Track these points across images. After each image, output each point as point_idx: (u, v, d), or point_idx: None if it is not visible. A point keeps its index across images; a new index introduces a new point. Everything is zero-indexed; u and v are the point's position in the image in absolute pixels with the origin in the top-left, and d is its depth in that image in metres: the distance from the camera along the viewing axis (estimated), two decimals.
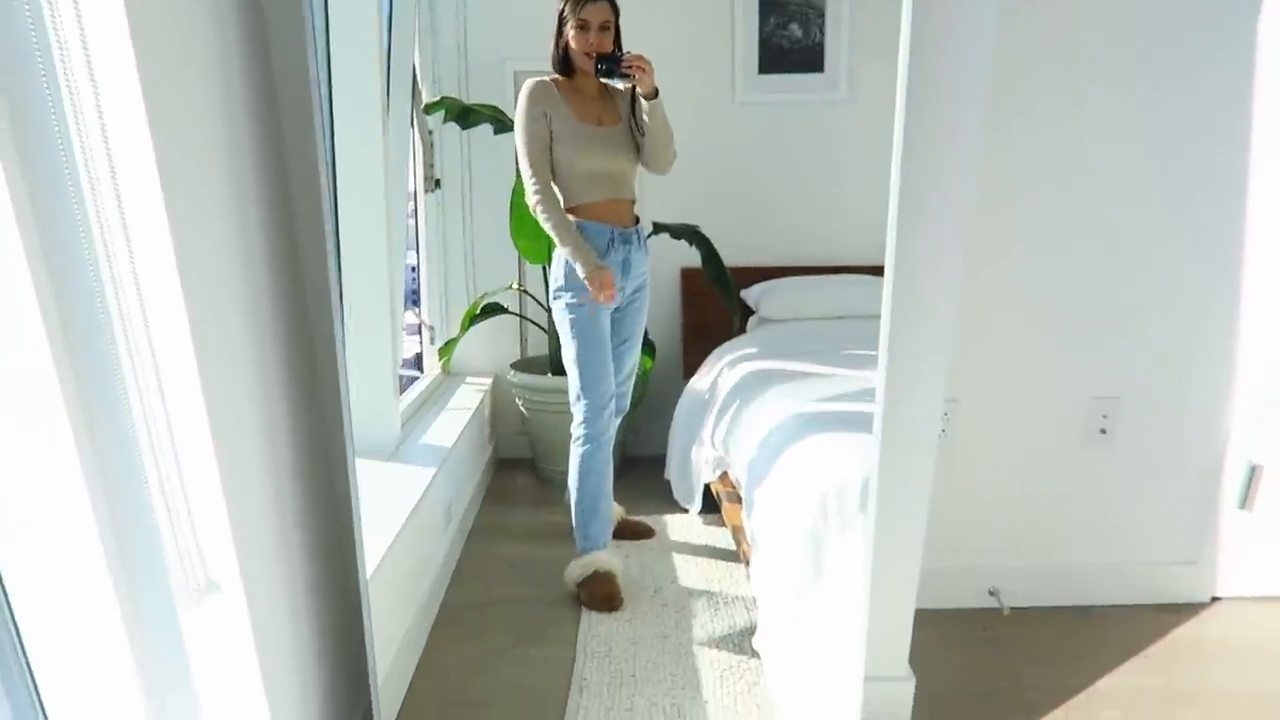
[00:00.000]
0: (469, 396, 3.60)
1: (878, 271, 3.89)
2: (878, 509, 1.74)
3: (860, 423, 2.22)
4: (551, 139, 2.50)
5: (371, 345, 2.72)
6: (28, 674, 1.13)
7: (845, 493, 1.92)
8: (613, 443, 2.68)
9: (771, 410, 2.48)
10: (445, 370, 3.78)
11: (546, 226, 2.51)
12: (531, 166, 2.48)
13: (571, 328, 2.58)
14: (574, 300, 2.56)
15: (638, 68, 2.38)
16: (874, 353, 3.14)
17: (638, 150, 2.57)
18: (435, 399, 3.53)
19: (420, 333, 3.96)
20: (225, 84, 1.30)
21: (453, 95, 3.65)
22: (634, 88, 2.47)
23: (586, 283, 2.48)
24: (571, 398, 2.63)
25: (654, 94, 2.43)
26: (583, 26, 2.45)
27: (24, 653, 1.13)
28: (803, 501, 1.98)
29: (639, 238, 2.63)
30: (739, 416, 2.76)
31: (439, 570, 2.65)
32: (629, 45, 2.54)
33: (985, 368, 2.23)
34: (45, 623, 1.14)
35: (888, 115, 3.96)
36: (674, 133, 2.55)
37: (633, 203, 2.62)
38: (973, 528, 2.35)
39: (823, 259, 3.95)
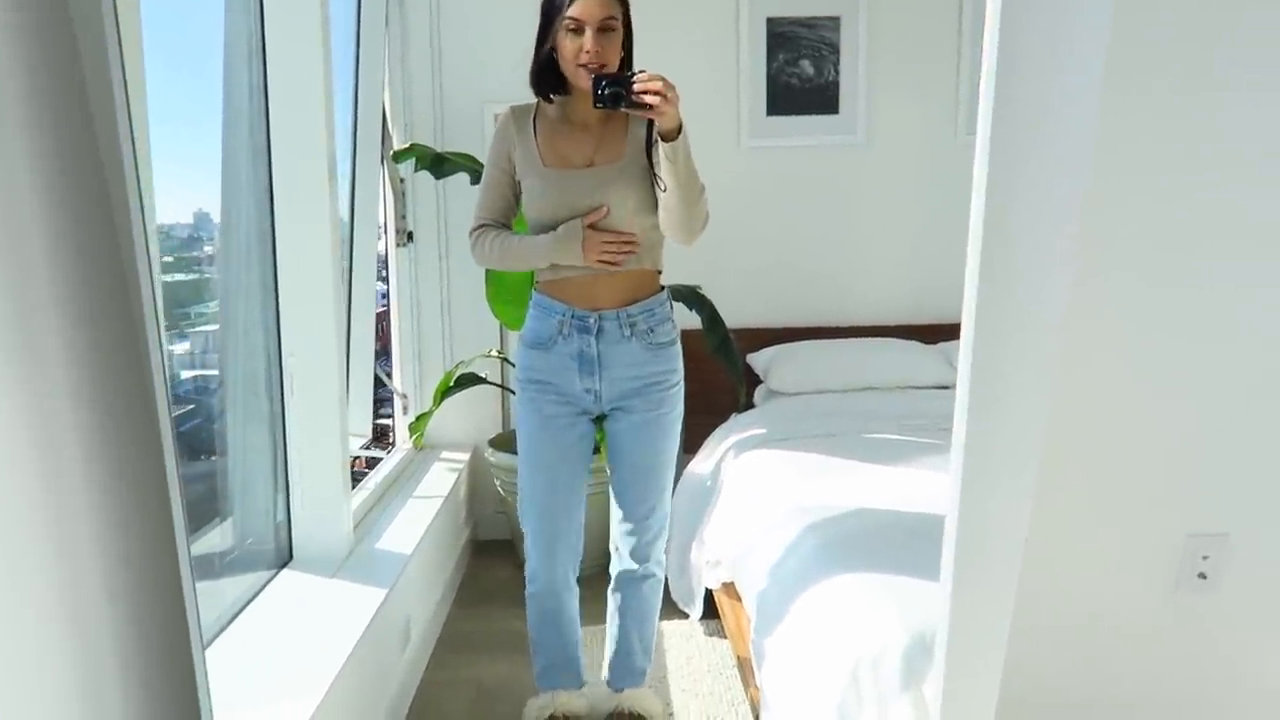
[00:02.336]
0: (442, 477, 3.19)
1: (900, 333, 3.50)
2: (945, 688, 1.32)
3: (897, 552, 1.81)
4: (517, 182, 1.99)
5: (316, 431, 2.33)
6: None
7: (883, 663, 1.51)
8: (575, 594, 2.14)
9: (785, 526, 2.07)
10: (417, 446, 3.38)
11: (494, 261, 1.99)
12: (477, 207, 2.02)
13: (520, 425, 2.05)
14: (524, 385, 2.02)
15: (653, 93, 1.67)
16: (903, 438, 2.74)
17: (648, 201, 1.88)
18: (403, 482, 3.12)
19: (392, 401, 3.57)
20: None
21: (425, 141, 3.27)
22: (650, 121, 1.80)
23: (580, 259, 1.87)
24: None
25: (676, 132, 1.72)
26: (575, 28, 1.79)
27: None
28: (828, 671, 1.56)
29: (624, 326, 1.93)
30: (745, 524, 2.35)
31: (390, 706, 2.23)
32: None
33: (1060, 495, 1.80)
34: None
35: (909, 160, 3.57)
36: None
37: (636, 273, 1.93)
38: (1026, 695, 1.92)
39: (839, 319, 3.55)
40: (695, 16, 3.42)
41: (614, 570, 2.18)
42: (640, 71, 1.72)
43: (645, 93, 1.68)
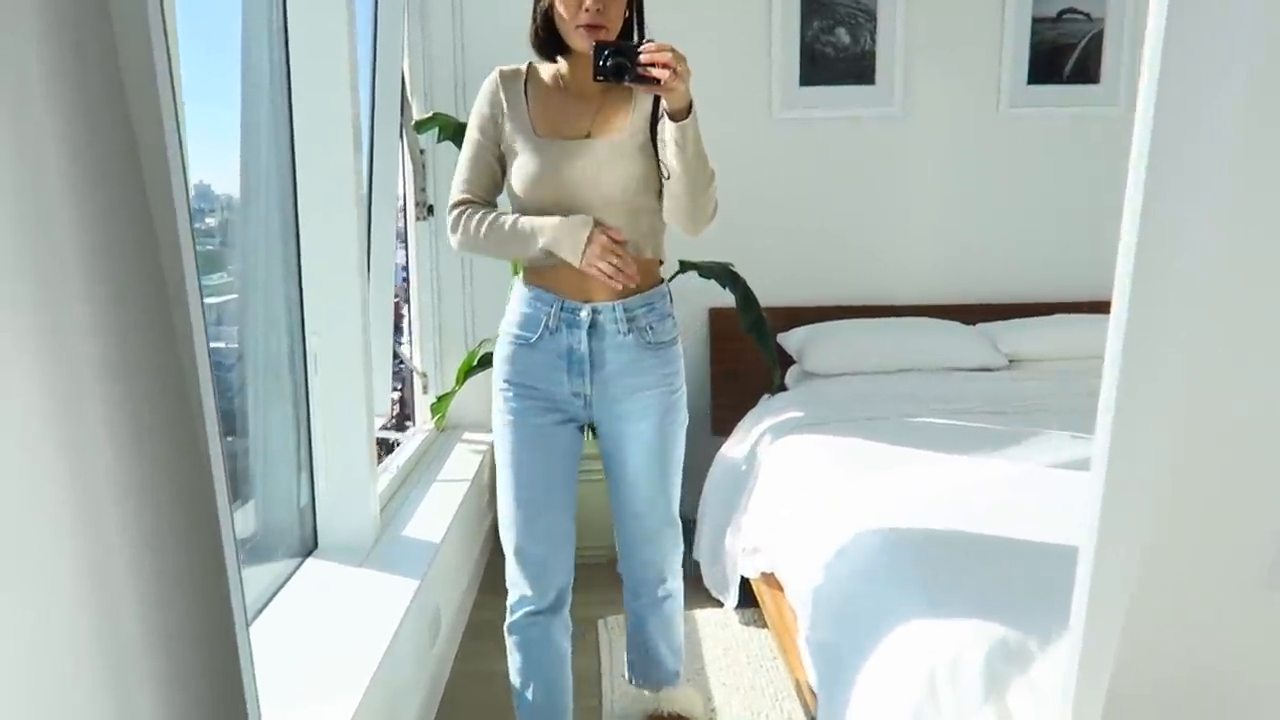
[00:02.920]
0: (466, 460, 3.09)
1: (937, 312, 3.39)
2: (1078, 682, 1.21)
3: (963, 549, 1.71)
4: (503, 153, 1.75)
5: (341, 413, 2.23)
6: None
7: (961, 671, 1.41)
8: (567, 629, 1.87)
9: (836, 520, 1.97)
10: (439, 428, 3.29)
11: (478, 245, 1.73)
12: (456, 182, 1.77)
13: (499, 437, 1.79)
14: (503, 390, 1.76)
15: (662, 66, 1.48)
16: (948, 422, 2.64)
17: (651, 181, 1.69)
18: (426, 464, 3.03)
19: (410, 380, 3.47)
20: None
21: (446, 111, 3.15)
22: (656, 98, 1.63)
23: (577, 258, 1.65)
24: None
25: (686, 111, 1.54)
26: None
27: None
28: (902, 679, 1.47)
29: (621, 321, 1.70)
30: (788, 513, 2.26)
31: (422, 701, 2.15)
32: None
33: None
34: None
35: (947, 132, 3.44)
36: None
37: (635, 261, 1.69)
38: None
39: (874, 298, 3.44)
40: None
41: (627, 592, 1.98)
42: (647, 41, 1.53)
43: (652, 65, 1.49)
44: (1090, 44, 3.30)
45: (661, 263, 1.80)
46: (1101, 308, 3.31)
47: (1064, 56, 3.32)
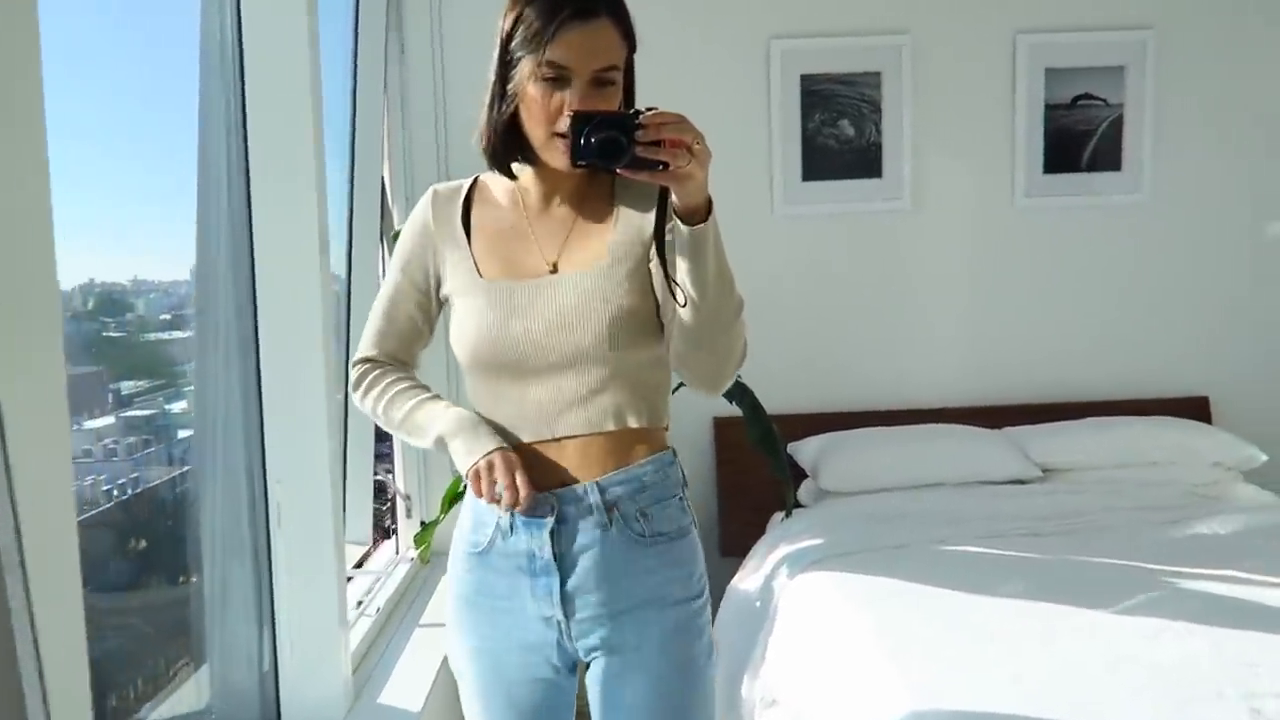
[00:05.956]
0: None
1: (958, 416, 3.14)
2: None
3: None
4: (439, 300, 1.36)
5: (308, 571, 1.97)
6: None
7: None
8: None
9: (881, 690, 1.71)
10: (423, 560, 3.02)
11: (378, 421, 1.39)
12: (366, 331, 1.39)
13: (458, 677, 1.39)
14: (459, 618, 1.34)
15: (672, 145, 1.07)
16: (984, 550, 2.39)
17: (646, 324, 1.25)
18: (407, 603, 2.76)
19: (394, 504, 3.22)
20: None
21: None
22: (664, 191, 1.16)
23: (471, 484, 1.25)
24: None
25: (705, 210, 1.12)
26: (554, 78, 1.17)
27: None
28: None
29: (599, 510, 1.24)
30: (812, 668, 2.00)
31: None
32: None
33: None
34: None
35: (961, 225, 3.21)
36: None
37: (621, 434, 1.25)
38: None
39: (891, 401, 3.21)
40: (721, 72, 3.13)
41: None
42: (649, 109, 1.10)
43: (660, 141, 1.06)
44: (1109, 130, 3.13)
45: (666, 428, 1.32)
46: (1132, 408, 3.08)
47: (1081, 144, 3.15)
